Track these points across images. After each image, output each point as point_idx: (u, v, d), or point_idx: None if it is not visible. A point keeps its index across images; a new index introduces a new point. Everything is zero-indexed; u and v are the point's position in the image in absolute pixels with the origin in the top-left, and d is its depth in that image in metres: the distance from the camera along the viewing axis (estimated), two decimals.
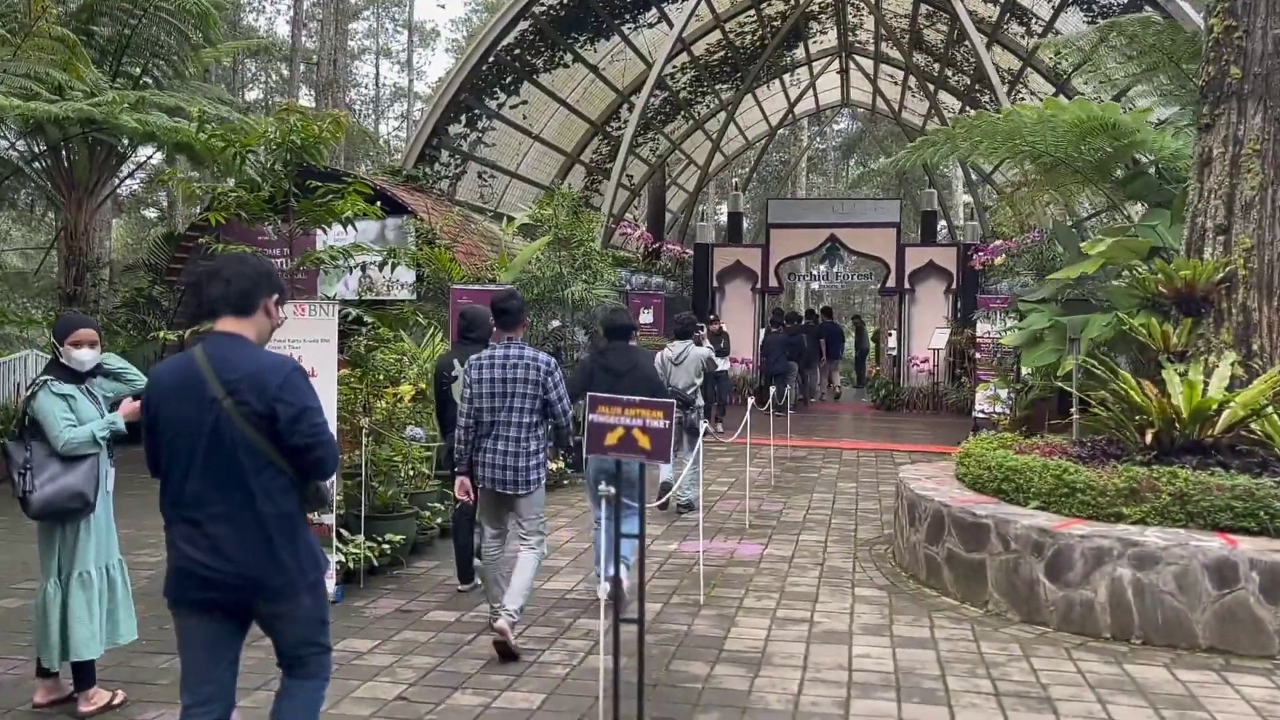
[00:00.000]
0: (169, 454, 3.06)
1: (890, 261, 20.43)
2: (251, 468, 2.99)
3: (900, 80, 27.14)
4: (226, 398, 2.96)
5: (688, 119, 25.79)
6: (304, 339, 6.39)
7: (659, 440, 3.63)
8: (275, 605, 3.06)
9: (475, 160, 17.54)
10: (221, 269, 3.13)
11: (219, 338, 3.08)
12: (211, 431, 2.97)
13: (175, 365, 3.13)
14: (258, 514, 2.99)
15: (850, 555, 7.69)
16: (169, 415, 3.05)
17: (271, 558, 3.00)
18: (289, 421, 2.98)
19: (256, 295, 3.13)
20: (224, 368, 2.99)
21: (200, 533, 2.99)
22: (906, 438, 15.53)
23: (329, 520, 6.37)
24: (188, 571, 3.01)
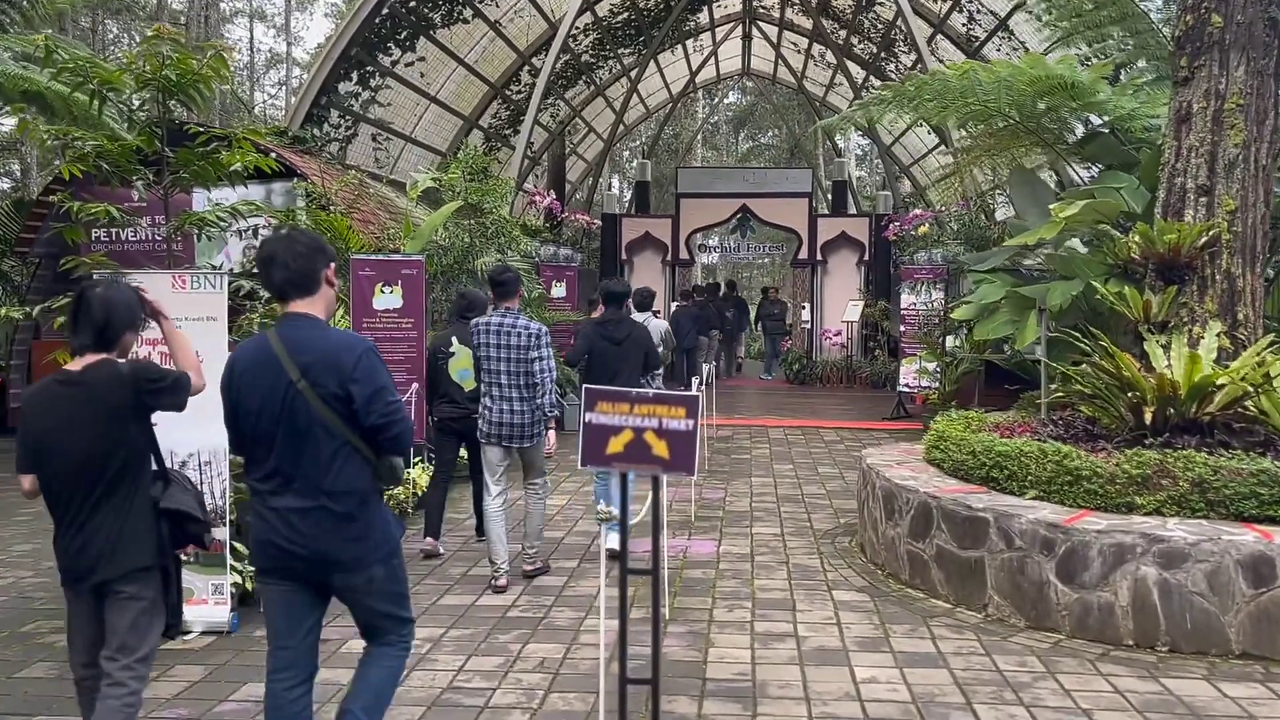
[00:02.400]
0: (251, 435, 3.15)
1: (802, 233, 19.92)
2: (328, 447, 3.08)
3: (804, 49, 26.66)
4: (301, 379, 3.05)
5: (589, 84, 24.75)
6: (185, 317, 5.26)
7: (681, 446, 2.77)
8: (349, 579, 3.15)
9: (368, 122, 16.20)
10: (276, 254, 3.15)
11: (292, 319, 3.16)
12: (289, 413, 3.06)
13: (252, 349, 3.21)
14: (333, 492, 3.08)
15: (814, 550, 6.98)
16: (248, 399, 3.12)
17: (345, 534, 3.10)
18: (365, 402, 3.06)
19: (316, 271, 3.19)
20: (298, 350, 3.08)
21: (280, 509, 3.10)
22: (829, 414, 15.01)
23: (221, 534, 5.31)
24: (269, 544, 3.13)
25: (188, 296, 5.26)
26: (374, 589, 3.20)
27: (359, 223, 11.51)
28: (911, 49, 21.90)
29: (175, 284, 5.26)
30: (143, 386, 3.37)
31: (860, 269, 19.83)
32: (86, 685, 3.36)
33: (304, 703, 3.21)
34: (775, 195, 19.87)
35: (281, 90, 47.49)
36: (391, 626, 3.29)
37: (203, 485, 5.29)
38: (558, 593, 6.01)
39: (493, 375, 5.99)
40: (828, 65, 27.10)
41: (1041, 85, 8.40)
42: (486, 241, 11.61)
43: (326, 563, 3.12)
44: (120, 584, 3.29)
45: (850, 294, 19.55)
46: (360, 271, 9.18)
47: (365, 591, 3.20)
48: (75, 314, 3.40)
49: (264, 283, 3.25)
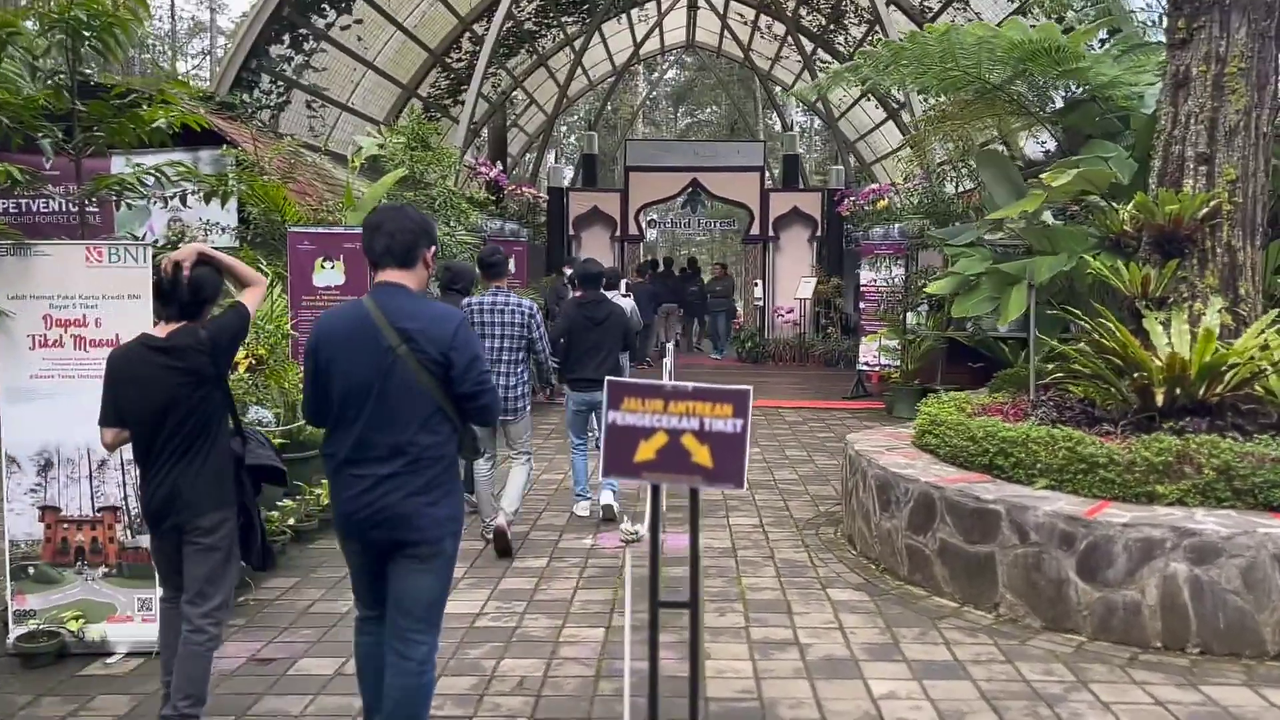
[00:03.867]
0: (339, 400, 3.13)
1: (754, 208, 19.48)
2: (422, 413, 3.09)
3: (751, 20, 26.15)
4: (401, 345, 3.06)
5: (531, 53, 23.96)
6: (103, 295, 4.61)
7: (728, 452, 2.25)
8: (421, 551, 3.13)
9: (301, 88, 15.28)
10: (383, 223, 3.20)
11: (386, 288, 3.18)
12: (385, 378, 3.07)
13: (345, 314, 3.21)
14: (421, 458, 3.09)
15: (799, 543, 6.54)
16: (341, 362, 3.12)
17: (427, 502, 3.10)
18: (462, 370, 3.08)
19: (418, 248, 3.22)
20: (398, 317, 3.09)
21: (365, 474, 3.09)
22: (787, 393, 14.63)
23: (146, 543, 4.66)
24: (352, 511, 3.13)
25: (104, 271, 4.59)
26: (435, 565, 3.18)
27: (295, 194, 10.74)
28: (862, 21, 21.59)
29: (89, 257, 4.58)
30: (220, 348, 3.64)
31: (813, 245, 19.47)
32: (165, 608, 3.76)
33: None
34: (726, 169, 19.38)
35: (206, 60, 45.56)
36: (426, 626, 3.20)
37: (126, 485, 4.63)
38: (528, 597, 5.48)
39: (490, 352, 6.23)
40: (774, 38, 26.65)
41: (1024, 49, 7.99)
42: (433, 214, 10.93)
43: (406, 527, 3.10)
44: (195, 534, 3.57)
45: (803, 271, 19.19)
46: (299, 245, 8.47)
47: (427, 567, 3.16)
48: (163, 289, 3.67)
49: (366, 247, 3.28)
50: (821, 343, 18.42)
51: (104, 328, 4.59)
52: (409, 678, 3.16)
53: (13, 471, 4.60)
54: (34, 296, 4.57)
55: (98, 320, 4.59)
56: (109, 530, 4.63)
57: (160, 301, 3.72)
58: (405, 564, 3.15)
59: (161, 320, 3.71)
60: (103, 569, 4.64)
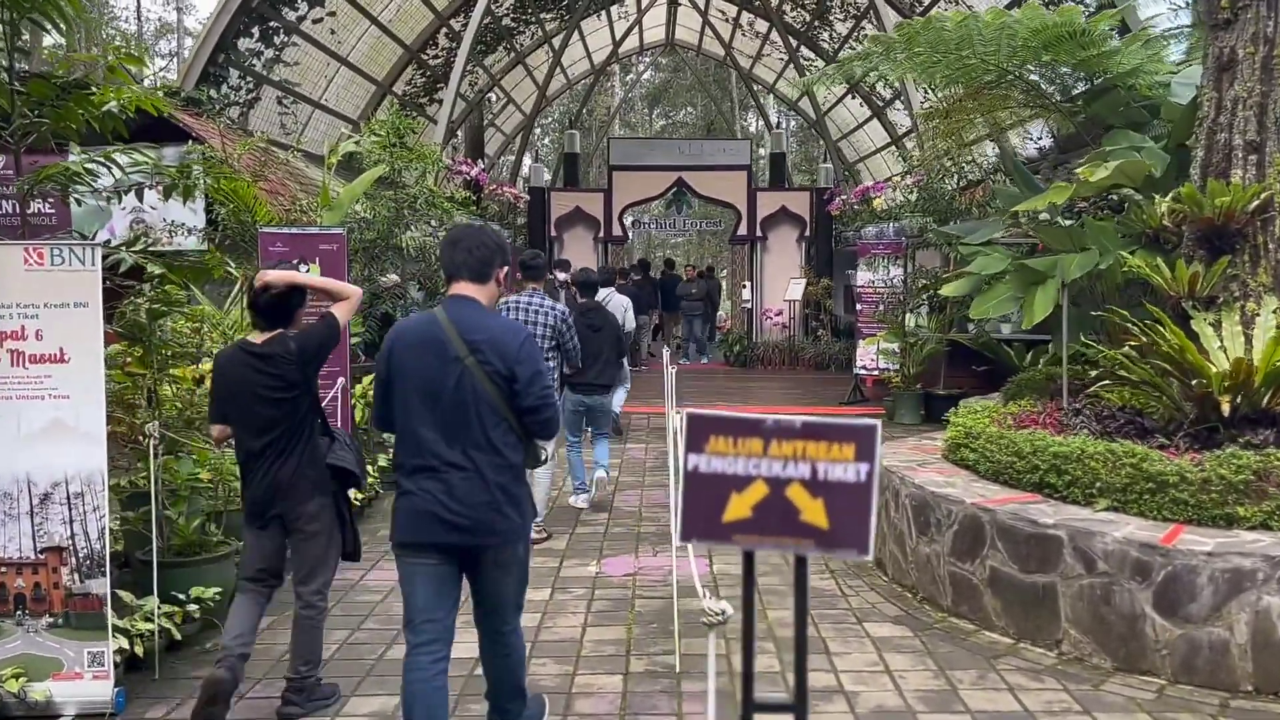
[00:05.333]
0: (407, 407, 3.23)
1: (741, 207, 18.96)
2: (489, 422, 3.19)
3: (733, 18, 25.66)
4: (469, 356, 3.17)
5: (509, 50, 23.34)
6: (44, 302, 4.00)
7: (849, 507, 1.71)
8: (498, 552, 3.26)
9: (272, 84, 14.59)
10: (462, 239, 3.39)
11: (458, 301, 3.30)
12: (454, 387, 3.17)
13: (418, 324, 3.34)
14: (491, 465, 3.19)
15: (821, 567, 5.99)
16: (412, 370, 3.22)
17: (499, 506, 3.20)
18: (526, 383, 3.20)
19: (493, 264, 3.36)
20: (467, 329, 3.21)
21: (437, 480, 3.17)
22: (780, 398, 14.12)
23: (98, 588, 4.05)
24: (424, 516, 3.19)
25: (46, 276, 3.98)
26: (514, 567, 3.33)
27: (266, 193, 10.09)
28: (848, 16, 21.15)
29: (28, 259, 3.97)
30: (307, 357, 3.92)
31: (801, 245, 18.97)
32: (247, 589, 4.05)
33: (444, 678, 3.30)
34: (712, 168, 18.84)
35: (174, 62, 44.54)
36: (512, 615, 3.39)
37: (74, 523, 4.02)
38: (533, 636, 4.90)
39: None
40: (756, 35, 26.18)
41: (1046, 35, 7.50)
42: (413, 215, 10.33)
43: (482, 534, 3.20)
44: (300, 521, 3.91)
45: (792, 272, 18.69)
46: (272, 247, 7.85)
47: (506, 569, 3.30)
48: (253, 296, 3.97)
49: (446, 258, 3.38)
50: (812, 346, 17.93)
51: (46, 340, 3.99)
52: (507, 657, 3.43)
53: None
54: None
55: (39, 332, 3.99)
56: (54, 574, 4.02)
57: (252, 313, 4.01)
58: (485, 568, 3.29)
59: (256, 330, 4.00)
60: (47, 618, 4.03)
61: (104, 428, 4.05)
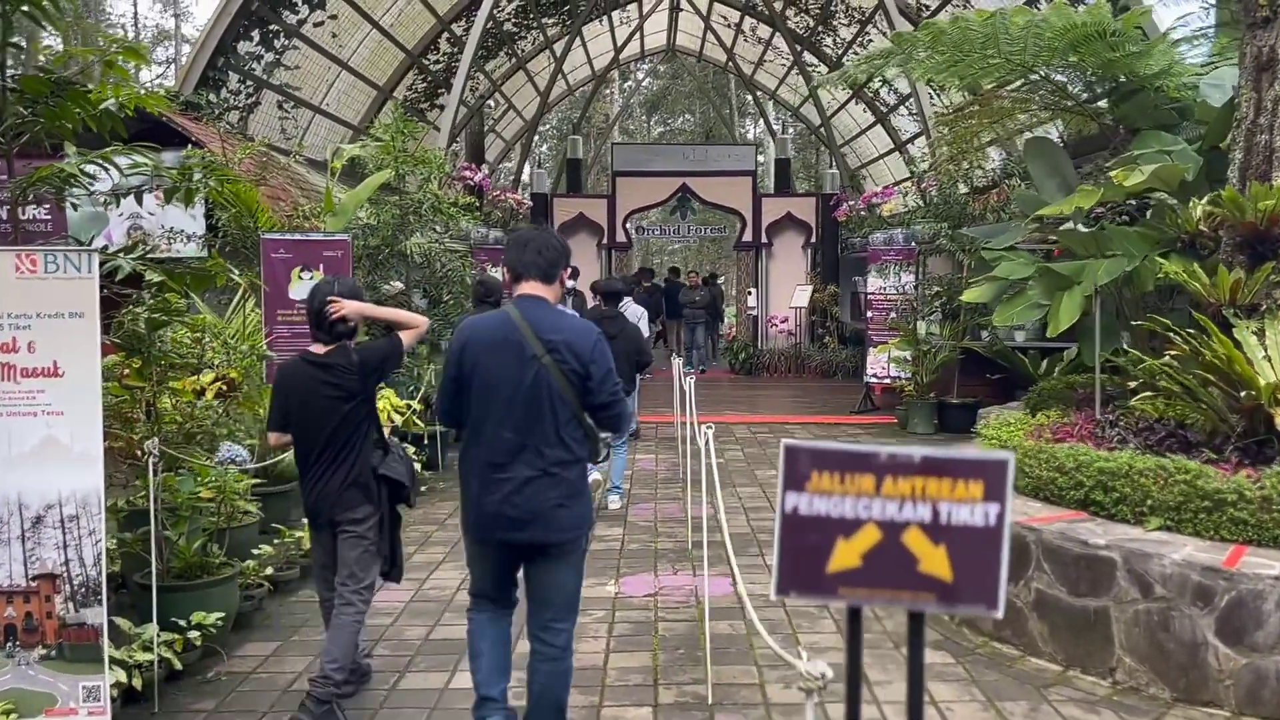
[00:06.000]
0: (482, 404, 3.31)
1: (746, 213, 18.74)
2: (562, 419, 3.27)
3: (734, 23, 25.47)
4: (545, 355, 3.26)
5: (510, 55, 23.13)
6: (37, 312, 3.74)
7: (975, 554, 1.46)
8: (560, 548, 3.32)
9: (272, 88, 14.34)
10: (531, 240, 3.47)
11: (529, 300, 3.38)
12: (530, 385, 3.25)
13: (491, 323, 3.40)
14: (559, 461, 3.26)
15: None
16: (486, 368, 3.31)
17: (566, 501, 3.28)
18: (599, 380, 3.31)
19: (559, 266, 3.46)
20: (543, 328, 3.29)
21: (508, 476, 3.25)
22: (789, 407, 13.88)
23: (94, 618, 3.79)
24: (496, 514, 3.28)
25: (40, 284, 3.72)
26: (573, 561, 3.39)
27: (268, 198, 9.86)
28: (852, 21, 20.95)
29: (20, 266, 3.71)
30: (368, 370, 4.07)
31: (807, 252, 18.75)
32: (327, 605, 4.16)
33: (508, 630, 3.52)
34: (717, 174, 18.62)
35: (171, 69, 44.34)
36: (565, 612, 3.40)
37: (68, 548, 3.77)
38: None
39: None
40: (758, 41, 25.99)
41: (1075, 34, 7.27)
42: (418, 221, 10.08)
43: (549, 529, 3.27)
44: (348, 524, 4.03)
45: (797, 278, 18.47)
46: (274, 253, 7.63)
47: (565, 562, 3.35)
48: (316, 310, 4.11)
49: (511, 259, 3.45)
50: (818, 353, 17.69)
51: (39, 353, 3.73)
52: (553, 663, 3.38)
53: None
54: None
55: (31, 344, 3.73)
56: (46, 603, 3.76)
57: (314, 328, 4.14)
58: (545, 562, 3.34)
59: (318, 343, 4.14)
60: (39, 650, 3.76)
61: (100, 446, 3.79)
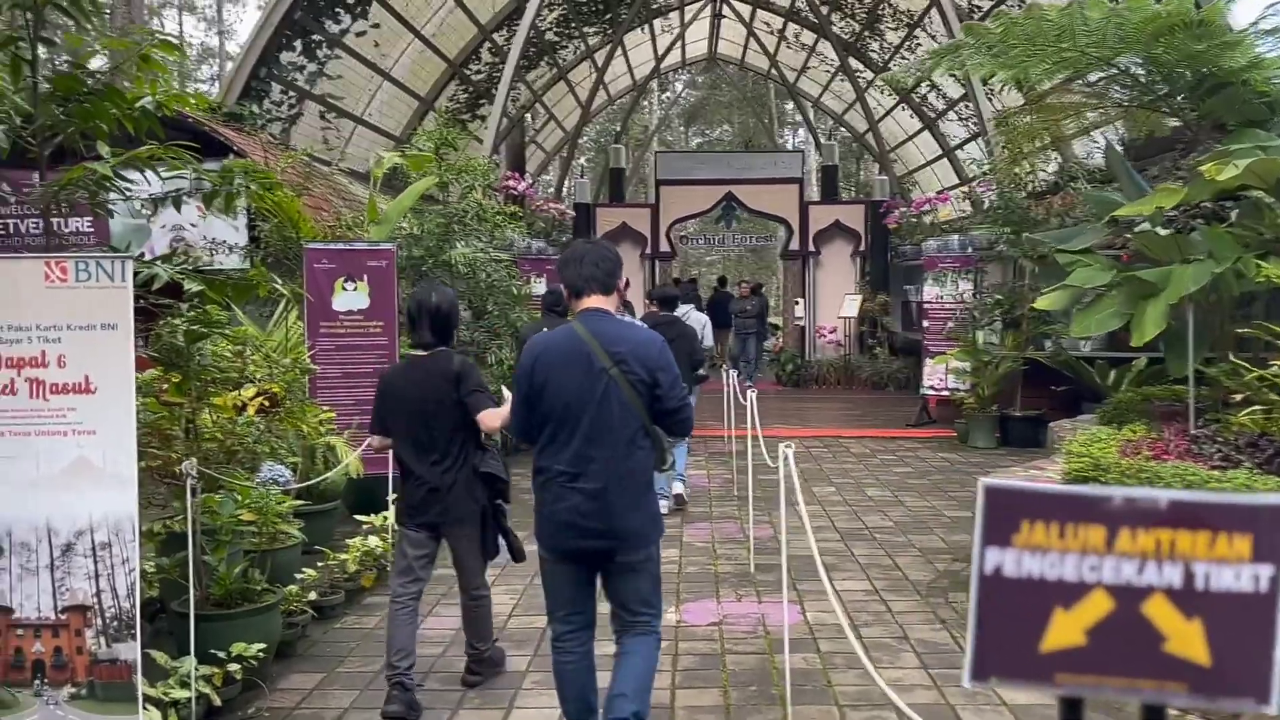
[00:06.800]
0: (555, 418, 3.35)
1: (793, 221, 18.35)
2: (632, 428, 3.34)
3: (778, 29, 25.14)
4: (613, 367, 3.32)
5: (551, 65, 22.96)
6: (67, 324, 3.49)
7: (1240, 631, 1.10)
8: (633, 555, 3.38)
9: (314, 99, 14.24)
10: (586, 254, 3.52)
11: (593, 314, 3.45)
12: (600, 398, 3.31)
13: (559, 338, 3.45)
14: (629, 471, 3.34)
15: (930, 615, 5.36)
16: (557, 383, 3.35)
17: (637, 511, 3.36)
18: (667, 387, 3.36)
19: (616, 277, 3.54)
20: (609, 340, 3.36)
21: (583, 488, 3.31)
22: (842, 420, 13.46)
23: (127, 653, 3.51)
24: (568, 523, 3.33)
25: (70, 293, 3.47)
26: (647, 568, 3.44)
27: (309, 209, 9.66)
28: (900, 25, 20.52)
29: (50, 274, 3.46)
30: (462, 383, 4.17)
31: (856, 260, 18.32)
32: (399, 605, 4.20)
33: (591, 659, 3.50)
34: (763, 181, 18.27)
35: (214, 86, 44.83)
36: (648, 613, 3.45)
37: (100, 577, 3.50)
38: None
39: None
40: (802, 47, 25.63)
41: (1158, 25, 6.85)
42: (463, 230, 9.84)
43: (623, 537, 3.34)
44: (455, 525, 4.21)
45: (846, 287, 18.04)
46: (317, 264, 7.40)
47: (638, 570, 3.41)
48: (415, 316, 4.27)
49: (569, 276, 3.49)
50: (869, 364, 17.24)
51: (69, 368, 3.47)
52: (637, 658, 3.42)
53: None
54: None
55: (61, 358, 3.47)
56: (77, 637, 3.49)
57: (416, 331, 4.29)
58: (622, 570, 3.40)
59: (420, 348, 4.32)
60: (69, 689, 3.49)
61: (134, 468, 3.52)
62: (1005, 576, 1.13)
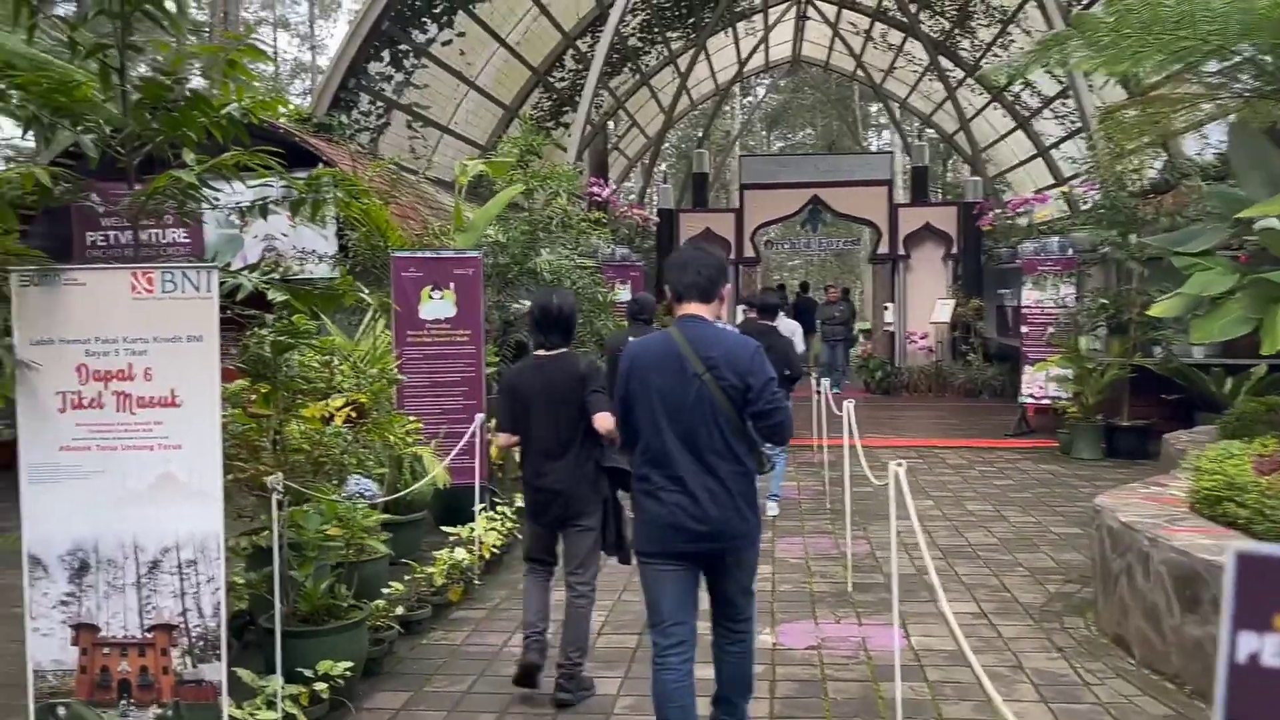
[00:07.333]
0: (650, 423, 3.42)
1: (881, 224, 17.90)
2: (727, 432, 3.37)
3: (864, 30, 24.64)
4: (706, 372, 3.36)
5: (634, 71, 22.85)
6: (154, 336, 3.41)
7: None
8: (738, 553, 3.47)
9: (401, 108, 14.35)
10: (690, 262, 3.55)
11: (690, 320, 3.50)
12: (694, 402, 3.36)
13: (654, 343, 3.54)
14: (730, 473, 3.38)
15: (1044, 642, 5.02)
16: (653, 387, 3.42)
17: (739, 510, 3.40)
18: (759, 390, 3.37)
19: (718, 285, 3.56)
20: (702, 346, 3.41)
21: (682, 491, 3.36)
22: (935, 430, 13.02)
23: (213, 674, 3.42)
24: (676, 525, 3.37)
25: (157, 305, 3.39)
26: (750, 563, 3.55)
27: (397, 217, 9.66)
28: (993, 22, 19.89)
29: (136, 286, 3.39)
30: (587, 383, 4.29)
31: (948, 264, 17.77)
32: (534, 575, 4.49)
33: (692, 677, 3.46)
34: (850, 184, 17.85)
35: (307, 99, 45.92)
36: (746, 605, 3.57)
37: (186, 595, 3.41)
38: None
39: None
40: (889, 47, 25.08)
41: None
42: (548, 237, 9.73)
43: (727, 538, 3.38)
44: (575, 519, 4.34)
45: (938, 292, 17.52)
46: (404, 272, 7.34)
47: (743, 566, 3.50)
48: (540, 318, 4.43)
49: (675, 280, 3.53)
50: (962, 371, 16.69)
51: (155, 381, 3.40)
52: (741, 646, 3.58)
53: (38, 577, 3.41)
54: (65, 341, 3.41)
55: (147, 371, 3.40)
56: (163, 656, 3.41)
57: (540, 333, 4.44)
58: (724, 570, 3.48)
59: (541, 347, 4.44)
60: (154, 710, 3.42)
61: (219, 483, 3.44)
62: (1265, 668, 0.89)
